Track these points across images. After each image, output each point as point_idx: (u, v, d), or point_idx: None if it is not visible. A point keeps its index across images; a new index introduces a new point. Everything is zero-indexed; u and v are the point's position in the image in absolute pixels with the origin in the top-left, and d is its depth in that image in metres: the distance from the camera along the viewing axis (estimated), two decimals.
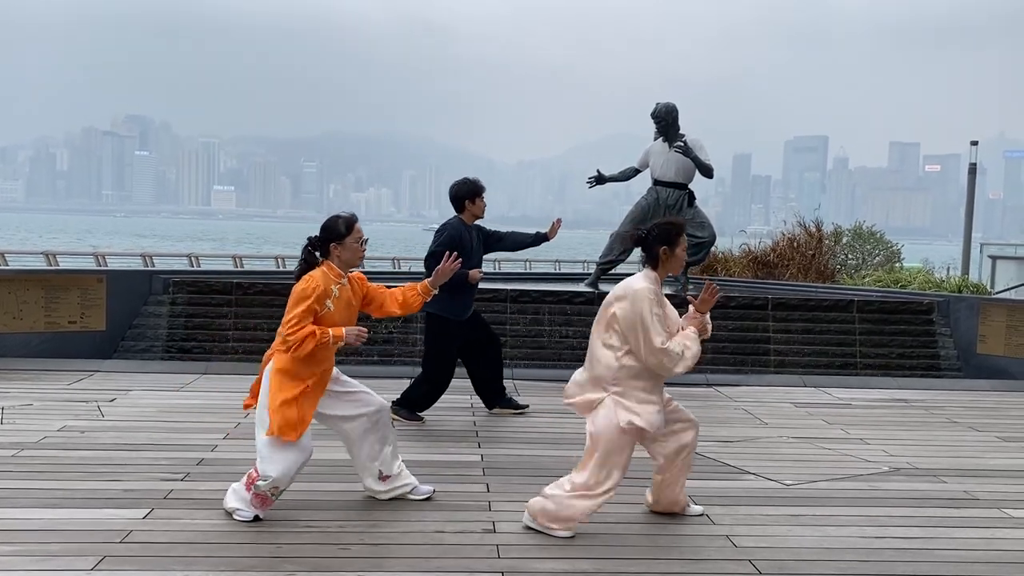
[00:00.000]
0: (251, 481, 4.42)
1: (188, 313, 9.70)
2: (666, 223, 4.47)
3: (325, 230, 4.61)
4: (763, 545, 4.33)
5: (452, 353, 6.86)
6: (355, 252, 4.62)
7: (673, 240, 4.40)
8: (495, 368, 7.16)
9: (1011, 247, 23.33)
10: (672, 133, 10.81)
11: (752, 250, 16.37)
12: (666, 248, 4.39)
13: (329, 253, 4.60)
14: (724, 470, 5.69)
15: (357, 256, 4.64)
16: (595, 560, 4.07)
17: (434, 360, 6.83)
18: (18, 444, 5.69)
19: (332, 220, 4.65)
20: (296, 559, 3.97)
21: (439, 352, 6.82)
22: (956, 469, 5.86)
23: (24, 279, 9.12)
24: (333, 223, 4.62)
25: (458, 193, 6.87)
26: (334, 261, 4.60)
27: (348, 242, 4.58)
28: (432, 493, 4.90)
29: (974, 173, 21.90)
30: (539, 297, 10.01)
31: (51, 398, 7.13)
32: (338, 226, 4.59)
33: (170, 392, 7.57)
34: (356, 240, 4.61)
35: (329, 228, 4.60)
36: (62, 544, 4.04)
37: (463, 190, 6.85)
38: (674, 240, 4.40)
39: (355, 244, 4.60)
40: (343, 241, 4.57)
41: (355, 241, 4.60)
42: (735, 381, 8.94)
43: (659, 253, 4.39)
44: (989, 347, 9.86)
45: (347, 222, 4.61)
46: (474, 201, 6.83)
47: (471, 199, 6.82)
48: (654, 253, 4.40)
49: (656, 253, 4.39)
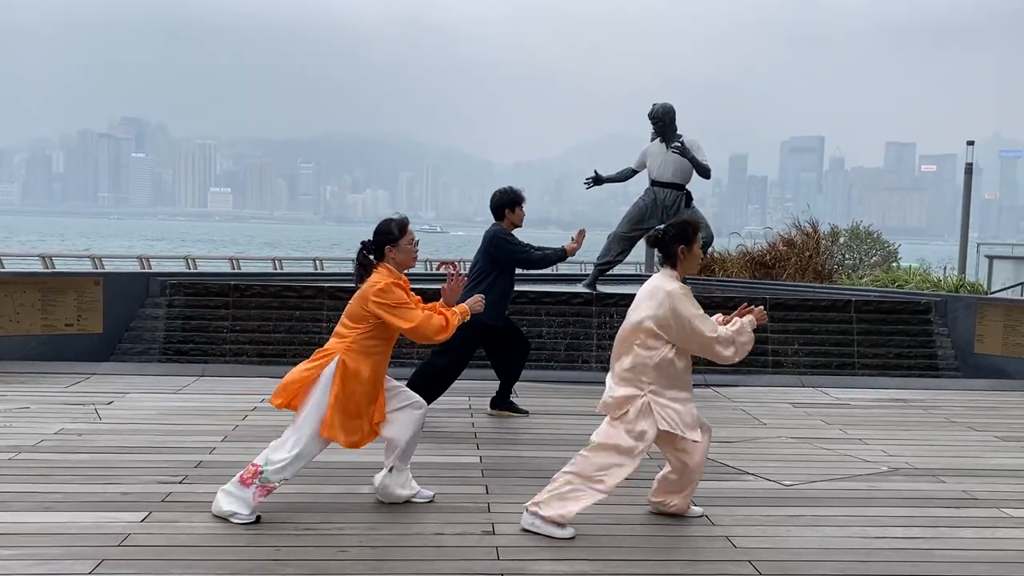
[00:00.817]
0: (253, 474, 4.41)
1: (185, 315, 9.68)
2: (682, 222, 4.57)
3: (379, 233, 4.72)
4: (763, 546, 4.33)
5: (464, 354, 6.81)
6: (408, 253, 4.73)
7: (691, 239, 4.49)
8: (514, 370, 7.17)
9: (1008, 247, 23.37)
10: (669, 134, 10.80)
11: (749, 250, 16.39)
12: (684, 247, 4.48)
13: (384, 255, 4.69)
14: (723, 470, 5.69)
15: (411, 257, 4.75)
16: (595, 561, 4.06)
17: (444, 353, 6.73)
18: (15, 447, 5.67)
19: (385, 223, 4.76)
20: (295, 562, 3.96)
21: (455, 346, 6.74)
22: (955, 469, 5.86)
23: (21, 282, 9.10)
24: (386, 226, 4.73)
25: (500, 202, 7.01)
26: (389, 263, 4.69)
27: (402, 244, 4.69)
28: (433, 497, 4.90)
29: (970, 173, 21.92)
30: (537, 298, 10.00)
31: (48, 401, 7.11)
32: (392, 228, 4.70)
33: (168, 395, 7.56)
34: (409, 242, 4.72)
35: (383, 231, 4.71)
36: (60, 548, 4.02)
37: (504, 199, 6.99)
38: (692, 239, 4.50)
39: (408, 245, 4.72)
40: (397, 243, 4.68)
41: (408, 243, 4.72)
42: (733, 381, 8.93)
43: (677, 252, 4.48)
44: (987, 347, 9.86)
45: (400, 224, 4.72)
46: (514, 210, 6.98)
47: (511, 208, 6.97)
48: (672, 252, 4.49)
49: (674, 252, 4.49)
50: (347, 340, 4.57)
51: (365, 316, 4.58)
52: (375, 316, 4.55)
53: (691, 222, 4.60)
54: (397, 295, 4.58)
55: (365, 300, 4.57)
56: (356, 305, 4.61)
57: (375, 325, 4.58)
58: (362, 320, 4.59)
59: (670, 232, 4.52)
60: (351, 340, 4.56)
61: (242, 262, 22.39)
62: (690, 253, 4.50)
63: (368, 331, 4.58)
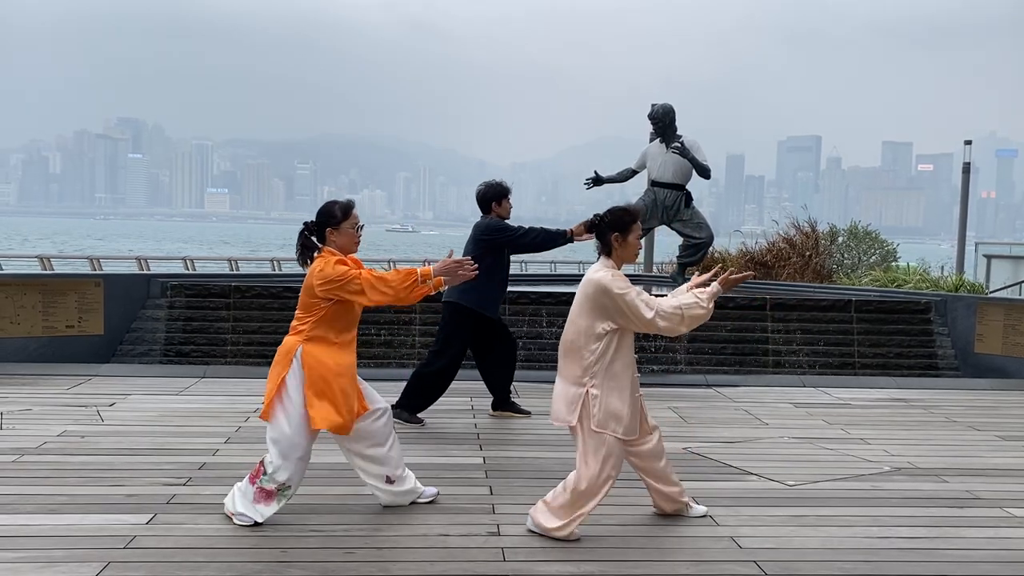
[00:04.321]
0: (258, 472, 4.42)
1: (186, 317, 9.68)
2: (620, 209, 4.39)
3: (321, 215, 4.55)
4: (768, 546, 4.33)
5: (460, 349, 6.84)
6: (351, 237, 4.54)
7: (626, 227, 4.32)
8: (508, 369, 7.15)
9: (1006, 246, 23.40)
10: (669, 134, 10.83)
11: (749, 250, 16.41)
12: (619, 235, 4.31)
13: (325, 238, 4.53)
14: (726, 471, 5.69)
15: (353, 241, 4.56)
16: (600, 563, 4.07)
17: (442, 352, 6.79)
18: (19, 449, 5.67)
19: (329, 205, 4.59)
20: (301, 563, 3.96)
21: (451, 342, 6.79)
22: (957, 468, 5.87)
23: (21, 283, 9.08)
24: (330, 208, 4.56)
25: (485, 195, 6.98)
26: (331, 246, 4.52)
27: (344, 227, 4.52)
28: (436, 495, 4.90)
29: (968, 172, 21.97)
30: (538, 299, 10.00)
31: (50, 403, 7.11)
32: (335, 211, 4.53)
33: (170, 396, 7.55)
34: (352, 225, 4.54)
35: (325, 213, 4.54)
36: (66, 550, 4.02)
37: (491, 192, 6.96)
38: (627, 227, 4.32)
39: (350, 229, 4.53)
40: (339, 226, 4.51)
41: (351, 226, 4.53)
42: (734, 382, 8.94)
43: (611, 240, 4.32)
44: (987, 346, 9.88)
45: (343, 207, 4.56)
46: (500, 203, 6.95)
47: (498, 201, 6.94)
48: (607, 240, 4.33)
49: (609, 240, 4.32)
50: (303, 332, 4.45)
51: (315, 303, 4.44)
52: (326, 300, 4.40)
53: (629, 209, 4.40)
54: (339, 270, 4.36)
55: (312, 290, 4.42)
56: (305, 296, 4.48)
57: (327, 310, 4.43)
58: (312, 309, 4.45)
59: (606, 219, 4.35)
60: (307, 331, 4.44)
61: (241, 263, 22.36)
62: (625, 242, 4.32)
63: (320, 317, 4.43)
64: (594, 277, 4.28)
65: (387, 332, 9.64)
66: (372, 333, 9.51)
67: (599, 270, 4.31)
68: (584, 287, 4.33)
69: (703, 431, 6.80)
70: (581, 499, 4.30)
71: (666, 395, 8.17)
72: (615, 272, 4.30)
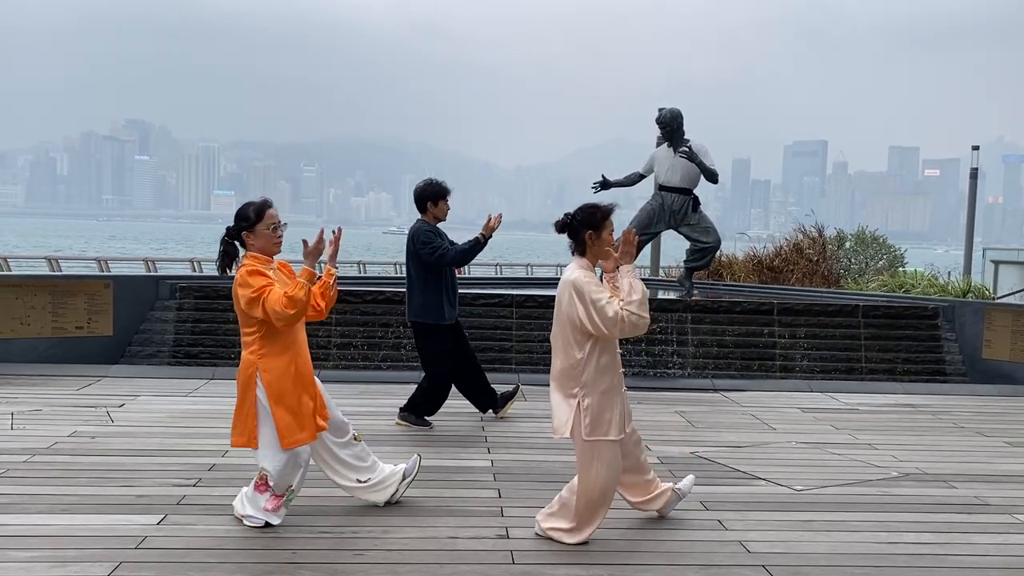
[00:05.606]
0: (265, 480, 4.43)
1: (195, 319, 9.70)
2: (591, 206, 4.31)
3: (236, 217, 4.36)
4: (776, 551, 4.34)
5: (448, 352, 6.82)
6: (268, 239, 4.34)
7: (598, 224, 4.24)
8: (478, 371, 7.09)
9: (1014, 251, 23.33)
10: (677, 138, 10.84)
11: (756, 254, 16.39)
12: (591, 232, 4.24)
13: (244, 243, 4.37)
14: (734, 475, 5.70)
15: (271, 243, 4.36)
16: (609, 566, 4.08)
17: (433, 363, 6.81)
18: (30, 450, 5.70)
19: (243, 207, 4.39)
20: (311, 564, 3.98)
21: (435, 354, 6.79)
22: (966, 474, 5.86)
23: (31, 284, 9.13)
24: (243, 209, 4.36)
25: (422, 194, 6.68)
26: (251, 250, 4.36)
27: (259, 229, 4.33)
28: (418, 461, 4.89)
29: (975, 178, 21.91)
30: (545, 303, 10.00)
31: (60, 404, 7.14)
32: (248, 213, 4.34)
33: (178, 397, 7.58)
34: (268, 227, 4.34)
35: (239, 216, 4.35)
36: (77, 550, 4.05)
37: (428, 192, 6.66)
38: (599, 224, 4.24)
39: (266, 231, 4.33)
40: (254, 229, 4.32)
41: (267, 227, 4.33)
42: (742, 386, 8.95)
43: (585, 238, 4.25)
44: (995, 352, 9.87)
45: (257, 208, 4.34)
46: (437, 203, 6.67)
47: (434, 201, 6.66)
48: (580, 238, 4.27)
49: (582, 238, 4.26)
50: (253, 348, 4.34)
51: (251, 319, 4.31)
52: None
53: (600, 206, 4.29)
54: (246, 280, 4.20)
55: (238, 302, 4.30)
56: (239, 311, 4.34)
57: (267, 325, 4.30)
58: (252, 323, 4.32)
59: (578, 217, 4.27)
60: (257, 346, 4.33)
61: None
62: (599, 239, 4.22)
63: (263, 329, 4.32)
64: (570, 278, 4.22)
65: (395, 336, 9.65)
66: (379, 337, 9.52)
67: (574, 271, 4.26)
68: (561, 289, 4.28)
69: (710, 435, 6.81)
70: (589, 508, 4.32)
71: (673, 399, 8.18)
72: (588, 274, 4.23)
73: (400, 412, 6.88)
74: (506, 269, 27.85)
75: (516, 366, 9.42)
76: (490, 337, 9.61)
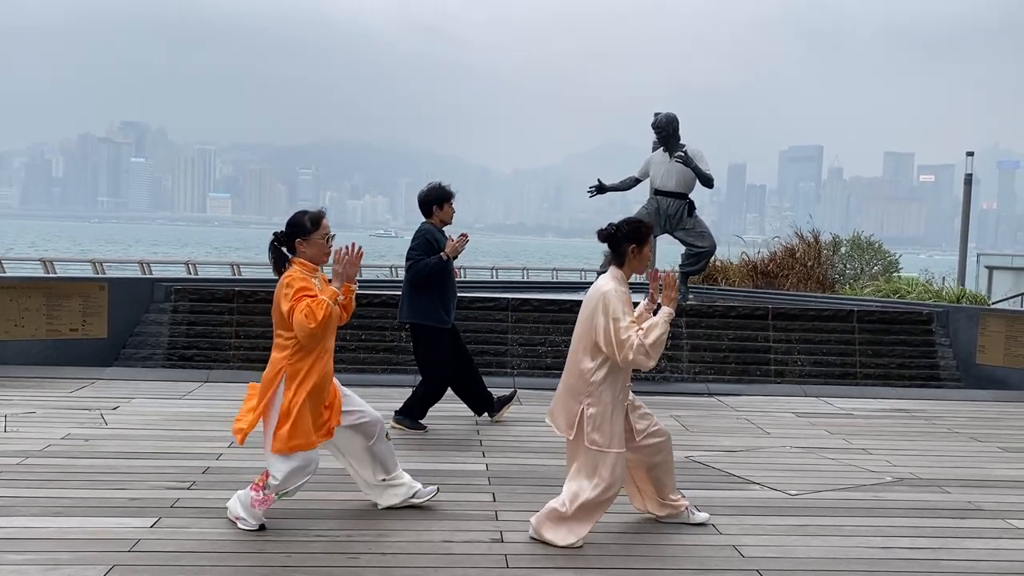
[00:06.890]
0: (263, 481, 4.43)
1: (190, 321, 9.69)
2: (637, 221, 4.46)
3: (290, 226, 4.47)
4: (770, 555, 4.35)
5: (446, 356, 6.84)
6: (320, 248, 4.46)
7: (643, 239, 4.39)
8: (476, 374, 7.13)
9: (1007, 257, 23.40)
10: (673, 143, 10.86)
11: (751, 259, 16.42)
12: (635, 247, 4.37)
13: (295, 250, 4.47)
14: (729, 480, 5.71)
15: (323, 252, 4.48)
16: (603, 570, 4.08)
17: (432, 367, 6.83)
18: (23, 452, 5.68)
19: (298, 215, 4.51)
20: (305, 568, 3.98)
21: (433, 358, 6.81)
22: (959, 479, 5.88)
23: (25, 286, 9.11)
24: (299, 218, 4.48)
25: (427, 198, 6.81)
26: (301, 257, 4.46)
27: (314, 238, 4.44)
28: (436, 492, 4.90)
29: (970, 184, 21.95)
30: (541, 306, 10.02)
31: (54, 406, 7.13)
32: (304, 221, 4.45)
33: (173, 400, 7.57)
34: (322, 236, 4.45)
35: (294, 224, 4.47)
36: (71, 553, 4.04)
37: (432, 195, 6.79)
38: (644, 239, 4.39)
39: (320, 240, 4.45)
40: (309, 237, 4.44)
41: (321, 237, 4.45)
42: (736, 391, 8.96)
43: (627, 251, 4.37)
44: (988, 357, 9.89)
45: (313, 217, 4.46)
46: (442, 207, 6.79)
47: (439, 204, 6.78)
48: (622, 250, 4.38)
49: (624, 251, 4.38)
50: (286, 353, 4.38)
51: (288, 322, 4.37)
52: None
53: (645, 222, 4.47)
54: (288, 285, 4.30)
55: (279, 306, 4.37)
56: (277, 314, 4.41)
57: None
58: (289, 327, 4.37)
59: (624, 229, 4.39)
60: (290, 352, 4.37)
61: (243, 267, 22.39)
62: (640, 254, 4.38)
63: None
64: (604, 288, 4.32)
65: (389, 339, 9.65)
66: (375, 340, 9.52)
67: (609, 282, 4.35)
68: (592, 296, 4.37)
69: (705, 440, 6.82)
70: (583, 512, 4.33)
71: (668, 404, 8.18)
72: (621, 289, 4.30)
73: (395, 416, 6.87)
74: (502, 273, 27.90)
75: (512, 370, 9.43)
76: (486, 340, 9.62)
